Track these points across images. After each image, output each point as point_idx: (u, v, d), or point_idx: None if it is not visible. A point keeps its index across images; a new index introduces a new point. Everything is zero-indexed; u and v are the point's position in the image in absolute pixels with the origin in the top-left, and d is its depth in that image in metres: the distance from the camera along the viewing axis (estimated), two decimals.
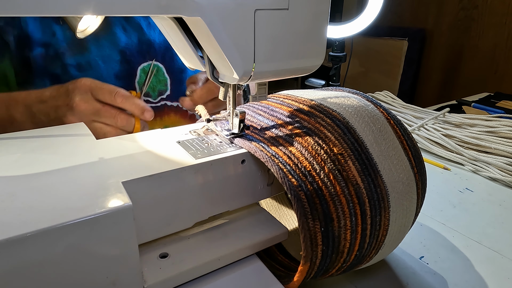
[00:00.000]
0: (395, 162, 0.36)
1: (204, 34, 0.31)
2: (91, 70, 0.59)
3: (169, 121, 0.68)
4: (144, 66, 0.63)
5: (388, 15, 2.23)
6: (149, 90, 0.64)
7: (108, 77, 0.60)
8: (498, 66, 1.83)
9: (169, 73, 0.67)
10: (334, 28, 0.97)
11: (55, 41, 0.57)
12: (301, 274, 0.32)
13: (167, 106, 0.67)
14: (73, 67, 0.58)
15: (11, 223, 0.24)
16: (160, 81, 0.66)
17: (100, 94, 0.49)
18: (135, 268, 0.29)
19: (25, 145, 0.36)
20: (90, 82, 0.49)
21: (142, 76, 0.63)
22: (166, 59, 0.66)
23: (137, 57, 0.63)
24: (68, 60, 0.58)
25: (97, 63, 0.59)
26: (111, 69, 0.60)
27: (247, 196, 0.39)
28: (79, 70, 0.58)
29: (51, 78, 0.58)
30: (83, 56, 0.59)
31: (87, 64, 0.59)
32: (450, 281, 0.42)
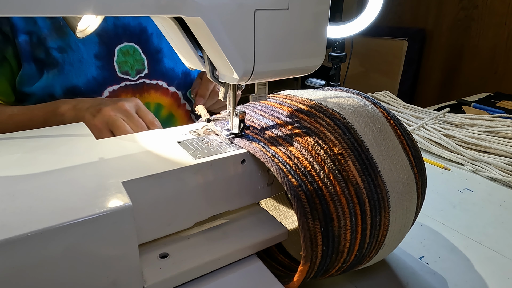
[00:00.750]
0: (395, 162, 0.36)
1: (204, 34, 0.31)
2: (72, 52, 0.64)
3: (149, 98, 0.74)
4: (121, 46, 0.69)
5: (388, 15, 2.23)
6: (127, 69, 0.70)
7: (89, 57, 0.66)
8: (498, 66, 1.83)
9: (145, 53, 0.72)
10: (334, 28, 0.97)
11: (37, 29, 0.62)
12: (301, 274, 0.32)
13: (146, 84, 0.73)
14: (55, 50, 0.63)
15: (11, 223, 0.24)
16: (137, 61, 0.71)
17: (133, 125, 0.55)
18: (135, 268, 0.29)
19: (25, 145, 0.36)
20: (134, 103, 0.57)
21: (120, 56, 0.69)
22: (142, 41, 0.71)
23: (114, 39, 0.68)
24: (50, 44, 0.63)
25: (77, 45, 0.65)
26: (91, 50, 0.66)
27: (247, 196, 0.39)
28: (61, 52, 0.63)
29: (36, 62, 0.63)
30: (63, 40, 0.64)
31: (67, 47, 0.64)
32: (450, 281, 0.42)
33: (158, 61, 0.73)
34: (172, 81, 0.76)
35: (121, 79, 0.70)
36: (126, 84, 0.70)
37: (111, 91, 0.69)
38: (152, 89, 0.73)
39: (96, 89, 0.67)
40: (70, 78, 0.64)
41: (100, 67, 0.67)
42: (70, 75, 0.64)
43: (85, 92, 0.66)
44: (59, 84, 0.64)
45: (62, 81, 0.64)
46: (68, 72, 0.64)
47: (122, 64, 0.69)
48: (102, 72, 0.67)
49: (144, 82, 0.72)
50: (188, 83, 0.79)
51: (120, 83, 0.69)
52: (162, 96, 0.75)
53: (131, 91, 0.71)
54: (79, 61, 0.65)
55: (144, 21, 0.71)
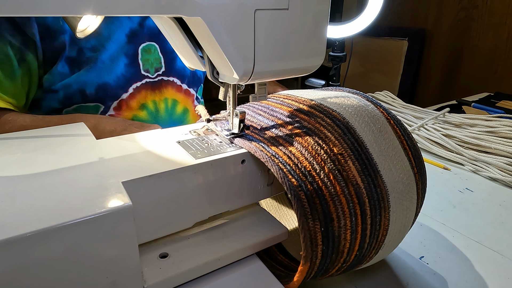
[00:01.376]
0: (395, 162, 0.36)
1: (204, 34, 0.31)
2: (104, 50, 0.68)
3: (167, 94, 0.78)
4: (144, 45, 0.73)
5: (388, 15, 2.23)
6: (148, 67, 0.74)
7: (119, 55, 0.70)
8: (498, 66, 1.83)
9: (162, 52, 0.76)
10: (334, 28, 0.97)
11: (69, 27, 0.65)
12: (301, 274, 0.32)
13: (164, 81, 0.76)
14: (88, 50, 0.66)
15: (11, 223, 0.24)
16: (156, 59, 0.75)
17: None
18: (135, 268, 0.29)
19: (25, 145, 0.36)
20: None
21: (143, 54, 0.73)
22: (160, 40, 0.75)
23: (139, 38, 0.72)
24: (83, 44, 0.66)
25: (109, 44, 0.68)
26: (121, 49, 0.70)
27: (247, 196, 0.39)
28: (94, 52, 0.67)
29: (69, 61, 0.65)
30: (96, 39, 0.67)
31: (101, 46, 0.67)
32: (450, 281, 0.42)
33: (173, 59, 0.77)
34: (184, 79, 0.80)
35: (143, 76, 0.74)
36: (146, 81, 0.74)
37: (135, 88, 0.73)
38: (169, 86, 0.78)
39: (123, 85, 0.71)
40: (101, 75, 0.68)
41: (128, 65, 0.71)
42: (101, 72, 0.68)
43: (114, 88, 0.70)
44: (91, 81, 0.67)
45: (93, 78, 0.67)
46: (100, 70, 0.67)
47: (145, 62, 0.73)
48: (129, 70, 0.71)
49: (162, 79, 0.76)
50: (196, 81, 0.84)
51: (142, 80, 0.73)
52: (177, 93, 0.79)
53: (150, 87, 0.75)
54: (110, 58, 0.68)
55: None
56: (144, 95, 0.74)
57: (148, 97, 0.74)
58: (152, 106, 0.75)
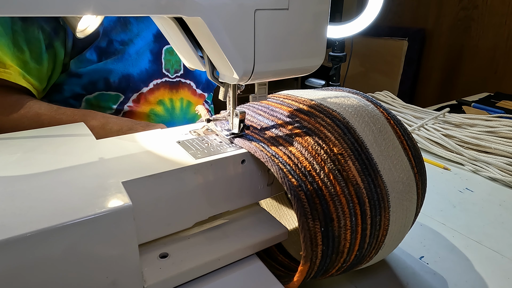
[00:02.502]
0: (395, 162, 0.36)
1: (204, 34, 0.31)
2: (132, 45, 0.71)
3: (183, 94, 0.82)
4: (168, 47, 0.77)
5: (388, 15, 2.23)
6: (169, 67, 0.78)
7: (144, 51, 0.73)
8: (498, 66, 1.83)
9: None
10: (334, 28, 0.97)
11: (104, 21, 0.68)
12: (301, 274, 0.32)
13: (181, 82, 0.81)
14: (117, 42, 0.70)
15: (11, 223, 0.24)
16: (176, 61, 0.79)
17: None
18: (135, 268, 0.29)
19: (25, 145, 0.36)
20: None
21: (166, 55, 0.77)
22: None
23: (164, 40, 0.75)
24: (113, 36, 0.69)
25: (138, 40, 0.72)
26: (147, 46, 0.74)
27: (247, 196, 0.39)
28: (122, 45, 0.70)
29: (98, 50, 0.68)
30: (126, 34, 0.71)
31: (129, 41, 0.71)
32: (450, 281, 0.42)
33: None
34: (199, 84, 0.84)
35: (163, 74, 0.77)
36: (166, 80, 0.78)
37: (155, 84, 0.76)
38: (186, 87, 0.82)
39: (145, 79, 0.74)
40: (127, 66, 0.71)
41: (152, 61, 0.75)
42: (127, 64, 0.71)
43: (137, 81, 0.73)
44: (116, 70, 0.70)
45: (119, 68, 0.70)
46: (126, 61, 0.71)
47: (167, 62, 0.77)
48: (152, 66, 0.75)
49: (180, 81, 0.80)
50: (211, 87, 0.88)
51: (162, 78, 0.77)
52: (192, 95, 0.83)
53: (168, 86, 0.79)
54: (136, 53, 0.72)
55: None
56: (162, 92, 0.78)
57: (166, 94, 0.78)
58: (168, 103, 0.79)
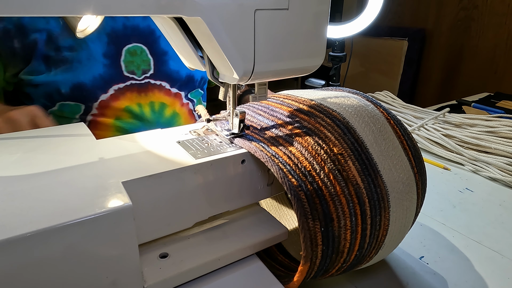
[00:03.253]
0: (395, 162, 0.36)
1: (204, 34, 0.31)
2: (81, 50, 0.67)
3: (154, 97, 0.76)
4: (129, 47, 0.72)
5: (388, 15, 2.23)
6: (133, 68, 0.73)
7: (97, 55, 0.68)
8: (498, 66, 1.83)
9: (152, 54, 0.74)
10: (334, 28, 0.97)
11: (49, 27, 0.64)
12: (301, 274, 0.32)
13: (150, 84, 0.75)
14: (65, 49, 0.66)
15: (11, 223, 0.24)
16: (143, 61, 0.73)
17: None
18: (135, 268, 0.29)
19: (25, 145, 0.36)
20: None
21: (127, 56, 0.72)
22: (149, 42, 0.74)
23: (123, 39, 0.71)
24: (61, 43, 0.65)
25: (87, 44, 0.67)
26: (100, 49, 0.69)
27: (247, 196, 0.39)
28: (71, 51, 0.66)
29: (45, 59, 0.65)
30: (74, 39, 0.66)
31: (78, 46, 0.67)
32: (450, 281, 0.42)
33: (164, 62, 0.76)
34: (175, 82, 0.78)
35: (127, 78, 0.72)
36: (131, 83, 0.73)
37: (116, 89, 0.71)
38: (156, 89, 0.76)
39: (102, 86, 0.70)
40: (77, 75, 0.67)
41: (107, 66, 0.69)
42: (77, 72, 0.67)
43: (91, 89, 0.68)
44: (66, 80, 0.67)
45: (69, 78, 0.67)
46: (76, 69, 0.67)
47: (129, 64, 0.72)
48: (109, 71, 0.70)
49: (149, 82, 0.75)
50: (191, 85, 0.82)
51: (125, 82, 0.72)
52: (165, 96, 0.78)
53: (136, 89, 0.73)
54: (88, 59, 0.67)
55: (153, 23, 0.72)
56: (129, 97, 0.73)
57: (133, 99, 0.73)
58: (137, 109, 0.74)
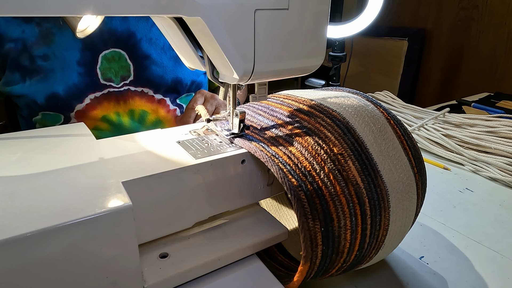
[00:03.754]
0: (395, 162, 0.36)
1: (204, 34, 0.31)
2: (55, 59, 0.64)
3: (134, 105, 0.72)
4: (106, 53, 0.67)
5: (388, 15, 2.23)
6: (111, 76, 0.69)
7: (70, 64, 0.65)
8: (498, 66, 1.83)
9: (131, 59, 0.69)
10: (334, 28, 0.97)
11: (24, 37, 0.62)
12: (301, 274, 0.32)
13: (130, 91, 0.71)
14: (39, 58, 0.63)
15: (11, 223, 0.24)
16: (122, 67, 0.69)
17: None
18: (135, 268, 0.29)
19: (25, 145, 0.36)
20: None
21: (104, 63, 0.67)
22: (129, 46, 0.69)
23: (99, 45, 0.67)
24: (35, 52, 0.63)
25: (61, 52, 0.64)
26: (73, 57, 0.65)
27: (247, 196, 0.39)
28: (45, 60, 0.63)
29: (20, 69, 0.63)
30: (48, 47, 0.63)
31: (51, 54, 0.64)
32: (450, 281, 0.42)
33: (145, 68, 0.71)
34: (159, 88, 0.73)
35: (104, 86, 0.68)
36: (109, 91, 0.69)
37: (93, 98, 0.68)
38: (137, 96, 0.72)
39: (77, 95, 0.66)
40: (51, 85, 0.64)
41: (82, 74, 0.66)
42: (51, 82, 0.64)
43: (65, 99, 0.66)
44: (41, 92, 0.64)
45: (44, 88, 0.64)
46: (50, 79, 0.64)
47: (106, 71, 0.68)
48: (84, 79, 0.66)
49: (129, 89, 0.70)
50: (180, 90, 0.77)
51: (102, 90, 0.68)
52: (147, 103, 0.73)
53: (114, 98, 0.70)
54: (61, 68, 0.64)
55: (133, 25, 0.69)
56: (106, 106, 0.69)
57: (110, 108, 0.70)
58: (114, 118, 0.70)
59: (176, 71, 0.74)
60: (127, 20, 0.68)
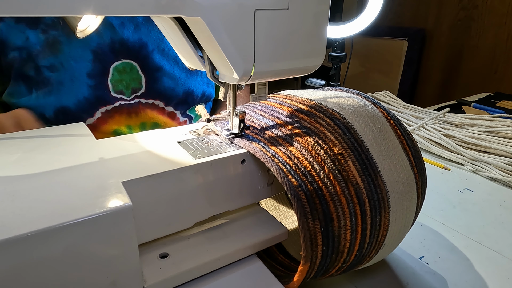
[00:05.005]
0: (395, 162, 0.36)
1: (204, 34, 0.31)
2: (63, 70, 0.60)
3: (145, 117, 0.69)
4: (117, 64, 0.64)
5: (388, 15, 2.23)
6: (122, 88, 0.65)
7: (80, 76, 0.61)
8: (498, 66, 1.83)
9: (143, 71, 0.66)
10: (334, 28, 0.97)
11: (28, 44, 0.58)
12: (301, 274, 0.32)
13: (141, 104, 0.67)
14: (46, 69, 0.59)
15: (11, 223, 0.24)
16: (134, 79, 0.66)
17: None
18: (135, 268, 0.29)
19: (25, 145, 0.36)
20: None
21: (115, 75, 0.64)
22: (140, 58, 0.66)
23: (110, 56, 0.63)
24: (41, 62, 0.59)
25: (69, 63, 0.60)
26: (83, 68, 0.61)
27: (247, 196, 0.39)
28: (52, 71, 0.59)
29: (25, 80, 0.59)
30: (56, 57, 0.59)
31: (59, 65, 0.60)
32: (450, 281, 0.42)
33: (157, 79, 0.68)
34: (170, 101, 0.70)
35: (115, 99, 0.65)
36: (120, 104, 0.65)
37: (104, 112, 0.64)
38: (148, 109, 0.69)
39: (87, 109, 0.63)
40: (60, 98, 0.60)
41: (93, 87, 0.62)
42: (60, 95, 0.60)
43: (75, 113, 0.62)
44: (49, 105, 0.61)
45: (52, 102, 0.61)
46: (58, 92, 0.60)
47: (117, 83, 0.64)
48: (95, 92, 0.62)
49: (140, 102, 0.67)
50: (190, 102, 0.74)
51: (114, 103, 0.65)
52: (158, 115, 0.70)
53: (125, 111, 0.66)
54: (70, 80, 0.60)
55: (145, 36, 0.66)
56: (117, 119, 0.65)
57: (122, 121, 0.66)
58: (126, 131, 0.67)
59: (187, 83, 0.71)
60: (139, 30, 0.65)
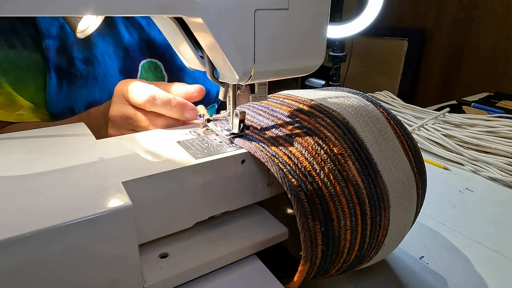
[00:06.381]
0: (395, 162, 0.36)
1: (204, 34, 0.31)
2: (98, 65, 0.60)
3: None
4: (144, 63, 0.65)
5: (388, 15, 2.23)
6: None
7: (114, 72, 0.61)
8: (498, 66, 1.83)
9: (167, 70, 0.67)
10: (334, 28, 0.97)
11: (63, 34, 0.58)
12: (301, 274, 0.32)
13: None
14: (79, 60, 0.59)
15: (11, 223, 0.24)
16: (157, 77, 0.67)
17: (131, 100, 0.45)
18: (135, 268, 0.29)
19: (25, 145, 0.36)
20: (121, 86, 0.46)
21: (142, 73, 0.64)
22: (165, 57, 0.67)
23: (139, 54, 0.64)
24: (75, 53, 0.58)
25: (104, 58, 0.60)
26: (116, 65, 0.62)
27: (247, 196, 0.39)
28: (86, 64, 0.59)
29: (57, 70, 0.58)
30: (89, 50, 0.59)
31: (93, 58, 0.60)
32: (450, 281, 0.42)
33: (179, 79, 0.69)
34: (189, 100, 0.72)
35: None
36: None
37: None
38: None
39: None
40: (93, 92, 0.60)
41: None
42: (93, 90, 0.60)
43: None
44: (81, 99, 0.60)
45: (84, 95, 0.60)
46: (92, 86, 0.60)
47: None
48: None
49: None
50: (207, 101, 0.75)
51: None
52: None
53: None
54: (104, 75, 0.60)
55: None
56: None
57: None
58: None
59: (205, 82, 0.71)
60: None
